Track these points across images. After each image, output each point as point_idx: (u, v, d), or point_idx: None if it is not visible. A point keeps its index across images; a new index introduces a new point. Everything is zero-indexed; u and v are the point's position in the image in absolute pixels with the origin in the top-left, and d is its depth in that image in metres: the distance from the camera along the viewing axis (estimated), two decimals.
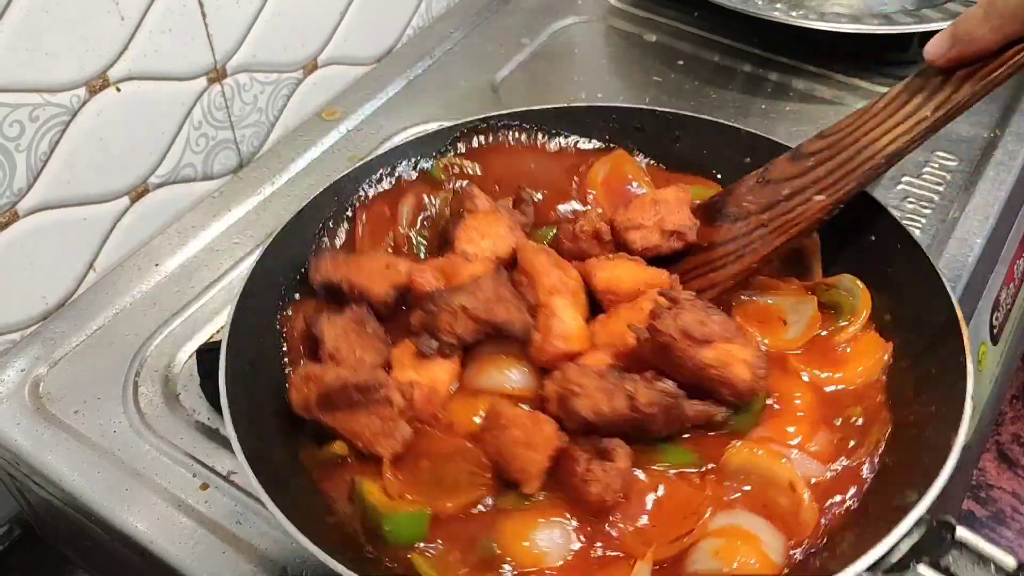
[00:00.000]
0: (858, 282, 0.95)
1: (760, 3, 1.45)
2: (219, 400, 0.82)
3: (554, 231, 1.07)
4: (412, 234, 1.07)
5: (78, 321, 1.12)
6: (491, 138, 1.14)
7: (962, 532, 0.71)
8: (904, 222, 1.22)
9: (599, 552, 0.79)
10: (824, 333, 0.93)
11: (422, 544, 0.79)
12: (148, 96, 1.19)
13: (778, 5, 1.45)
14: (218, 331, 1.11)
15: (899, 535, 0.71)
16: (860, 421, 0.87)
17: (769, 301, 0.96)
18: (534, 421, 0.83)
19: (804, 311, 0.94)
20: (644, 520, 0.80)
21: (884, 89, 1.41)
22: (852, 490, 0.83)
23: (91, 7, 1.08)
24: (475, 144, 1.14)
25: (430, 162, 1.11)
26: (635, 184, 1.11)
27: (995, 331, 1.37)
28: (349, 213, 1.06)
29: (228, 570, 0.90)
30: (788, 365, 0.91)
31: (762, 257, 0.94)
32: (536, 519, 0.80)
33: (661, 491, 0.82)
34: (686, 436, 0.85)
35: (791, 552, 0.79)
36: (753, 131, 1.09)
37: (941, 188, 1.27)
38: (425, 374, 0.89)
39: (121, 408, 1.03)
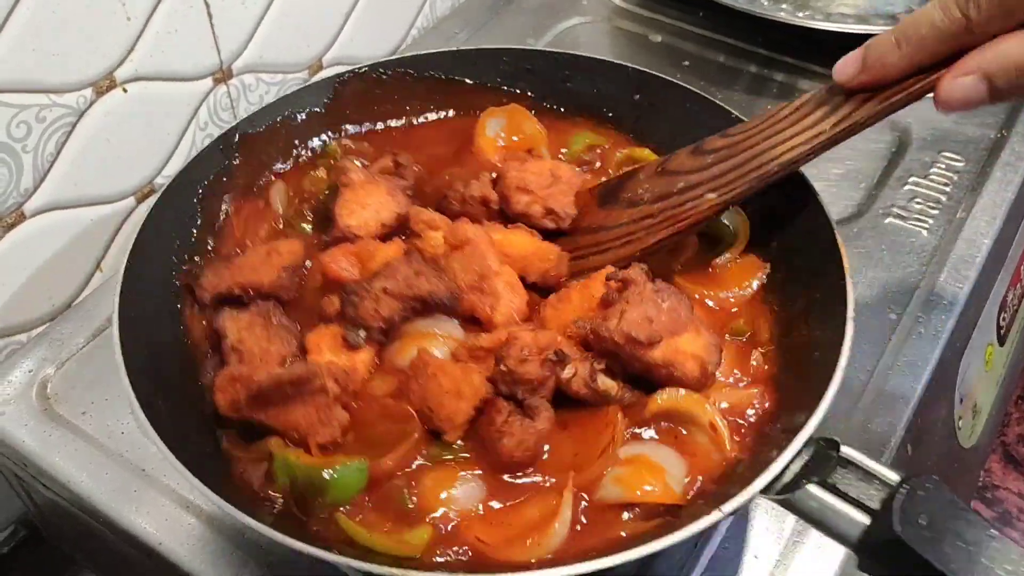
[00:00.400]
0: (739, 210, 1.01)
1: (765, 3, 1.45)
2: None
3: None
4: (291, 215, 1.08)
5: (85, 322, 1.12)
6: (378, 90, 1.15)
7: (846, 450, 0.73)
8: (911, 223, 1.23)
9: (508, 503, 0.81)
10: (709, 257, 1.00)
11: (345, 508, 0.79)
12: (154, 97, 1.19)
13: (784, 6, 1.45)
14: None
15: (789, 456, 0.73)
16: (747, 332, 0.94)
17: None
18: (464, 371, 0.85)
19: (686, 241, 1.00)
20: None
21: None
22: (750, 412, 0.87)
23: (97, 8, 1.08)
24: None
25: (322, 142, 1.13)
26: (525, 136, 1.14)
27: (1002, 332, 1.36)
28: (224, 208, 1.05)
29: (236, 571, 0.90)
30: (675, 283, 0.97)
31: (645, 247, 0.97)
32: (456, 472, 0.83)
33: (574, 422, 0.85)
34: None
35: (696, 482, 0.82)
36: (639, 68, 1.12)
37: (948, 189, 1.27)
38: (342, 356, 0.89)
39: (129, 409, 1.02)
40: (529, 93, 1.18)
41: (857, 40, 1.37)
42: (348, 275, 0.95)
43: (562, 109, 1.17)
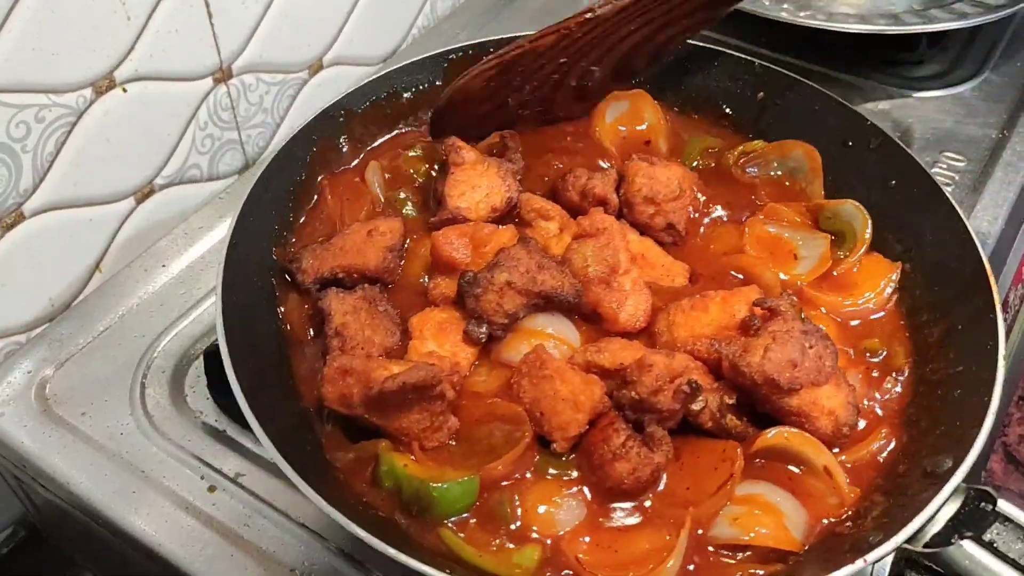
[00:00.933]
0: (860, 208, 0.98)
1: (767, 3, 1.44)
2: (226, 400, 0.81)
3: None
4: (392, 195, 1.06)
5: (85, 323, 1.12)
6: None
7: (1004, 504, 0.68)
8: None
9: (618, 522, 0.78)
10: (835, 259, 0.97)
11: (449, 522, 0.78)
12: (154, 97, 1.19)
13: (785, 5, 1.45)
14: None
15: (937, 505, 0.67)
16: (882, 352, 0.89)
17: (784, 234, 0.98)
18: (585, 381, 0.80)
19: (816, 247, 0.97)
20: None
21: (892, 89, 1.43)
22: (880, 444, 0.81)
23: (97, 8, 1.07)
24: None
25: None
26: (646, 127, 1.12)
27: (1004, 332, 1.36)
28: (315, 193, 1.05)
29: (236, 573, 0.90)
30: (804, 295, 0.94)
31: None
32: (560, 490, 0.80)
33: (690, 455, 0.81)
34: None
35: (816, 526, 0.77)
36: (766, 64, 1.10)
37: (950, 188, 1.27)
38: (446, 345, 0.87)
39: (128, 410, 1.03)
40: (647, 85, 1.15)
41: (858, 40, 1.39)
42: (461, 257, 0.91)
43: (679, 103, 1.16)
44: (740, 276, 0.97)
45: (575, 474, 0.81)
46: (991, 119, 1.38)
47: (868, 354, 0.90)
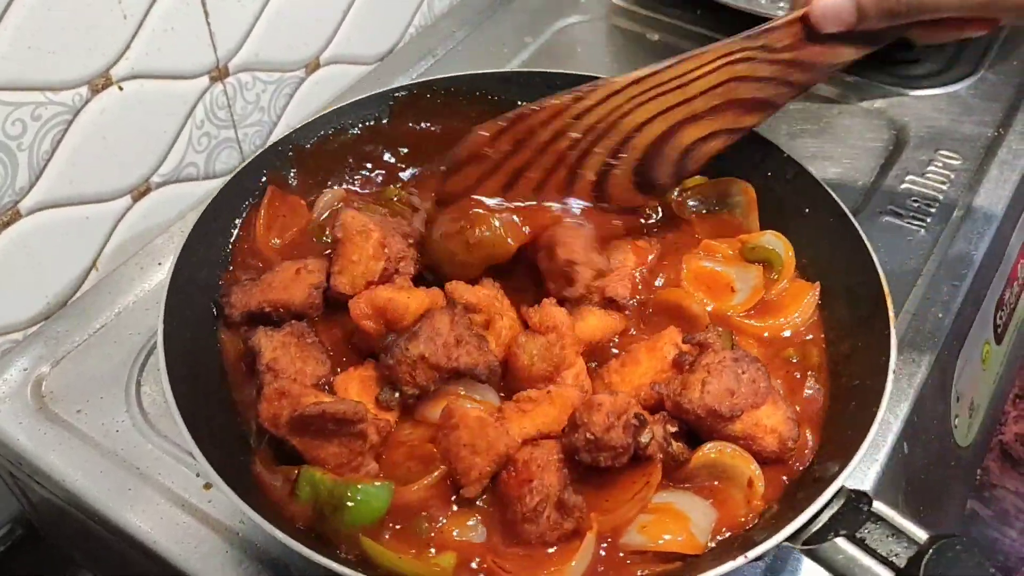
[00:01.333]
0: (779, 236, 1.04)
1: (763, 1, 1.45)
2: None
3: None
4: (315, 229, 1.09)
5: (81, 320, 1.12)
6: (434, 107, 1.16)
7: (878, 505, 0.74)
8: (907, 221, 1.23)
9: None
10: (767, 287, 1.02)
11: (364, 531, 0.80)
12: (150, 95, 1.19)
13: (781, 3, 1.45)
14: None
15: (817, 507, 0.73)
16: (795, 359, 0.97)
17: (719, 268, 1.04)
18: (481, 424, 0.83)
19: (749, 279, 1.02)
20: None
21: (888, 87, 1.43)
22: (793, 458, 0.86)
23: (94, 5, 1.07)
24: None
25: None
26: None
27: (999, 330, 1.36)
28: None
29: (231, 570, 0.90)
30: (731, 323, 0.99)
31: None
32: (474, 515, 0.83)
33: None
34: None
35: (721, 533, 0.82)
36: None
37: (945, 187, 1.27)
38: (370, 404, 0.87)
39: (124, 407, 1.03)
40: None
41: None
42: (374, 329, 0.91)
43: None
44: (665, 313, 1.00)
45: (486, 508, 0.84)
46: (987, 117, 1.38)
47: (787, 360, 0.97)
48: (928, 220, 1.22)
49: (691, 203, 1.13)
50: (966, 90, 1.44)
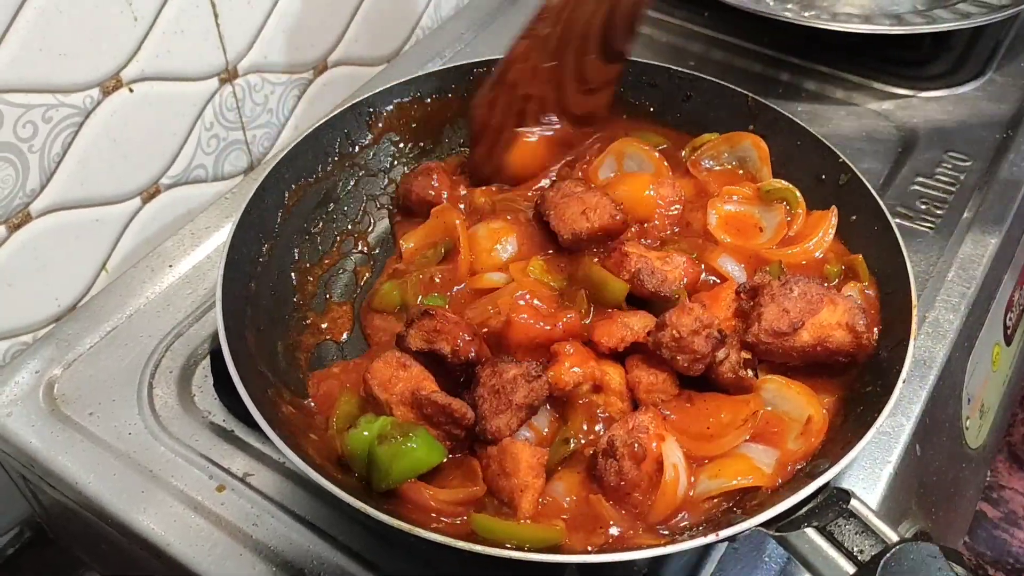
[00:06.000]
0: (788, 187, 1.09)
1: (771, 3, 1.45)
2: (232, 400, 0.84)
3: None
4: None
5: (92, 323, 1.12)
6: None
7: (856, 503, 0.76)
8: (917, 222, 1.23)
9: None
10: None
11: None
12: (160, 97, 1.19)
13: (789, 5, 1.45)
14: None
15: (794, 501, 0.76)
16: (837, 271, 1.02)
17: (743, 210, 1.10)
18: (526, 450, 0.86)
19: (774, 217, 1.08)
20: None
21: (895, 90, 1.43)
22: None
23: (104, 8, 1.07)
24: None
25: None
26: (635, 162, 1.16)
27: (1008, 332, 1.36)
28: None
29: (244, 572, 0.90)
30: (768, 257, 1.04)
31: None
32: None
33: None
34: None
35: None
36: (759, 99, 1.17)
37: (954, 188, 1.27)
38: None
39: (136, 410, 1.03)
40: (651, 108, 1.23)
41: (862, 40, 1.39)
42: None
43: (673, 124, 1.23)
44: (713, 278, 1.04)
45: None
46: (995, 119, 1.38)
47: (830, 279, 1.02)
48: (937, 221, 1.22)
49: (705, 162, 1.17)
50: (974, 92, 1.44)
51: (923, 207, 1.25)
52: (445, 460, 0.86)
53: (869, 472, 0.97)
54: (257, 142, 1.37)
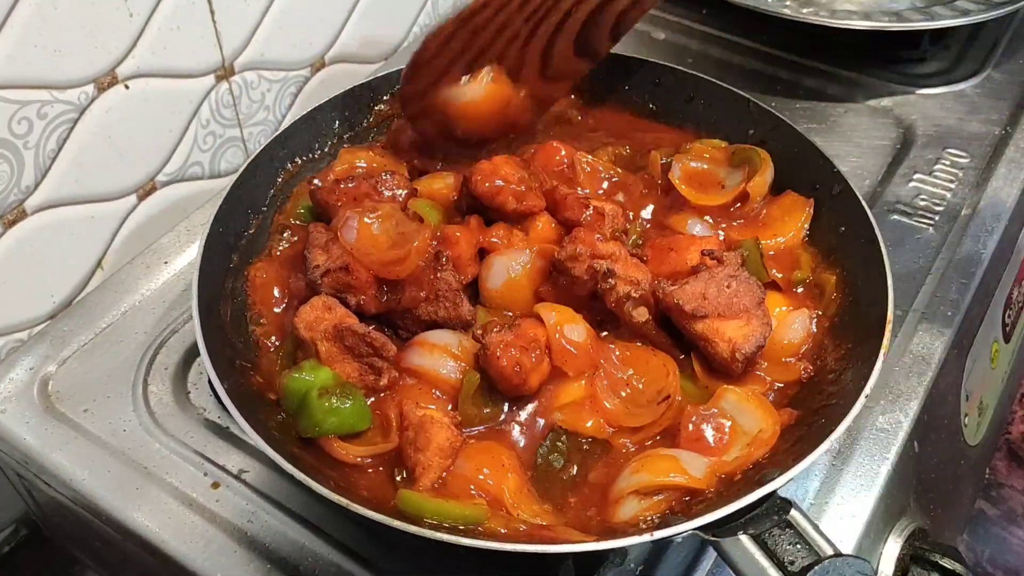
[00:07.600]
0: (757, 149, 1.10)
1: (770, 0, 1.44)
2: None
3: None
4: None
5: (87, 319, 1.12)
6: None
7: (795, 514, 0.75)
8: (915, 219, 1.23)
9: None
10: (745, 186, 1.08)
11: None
12: (156, 93, 1.19)
13: (788, 2, 1.45)
14: None
15: (737, 507, 0.75)
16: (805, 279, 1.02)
17: (705, 167, 1.12)
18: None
19: (736, 177, 1.10)
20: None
21: (894, 87, 1.43)
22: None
23: (99, 4, 1.07)
24: None
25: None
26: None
27: (1007, 329, 1.36)
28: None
29: (239, 569, 0.89)
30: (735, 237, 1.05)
31: None
32: None
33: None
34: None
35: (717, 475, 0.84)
36: (760, 103, 1.15)
37: (953, 185, 1.27)
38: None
39: (131, 407, 1.02)
40: (652, 106, 1.23)
41: (861, 37, 1.39)
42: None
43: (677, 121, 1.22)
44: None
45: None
46: (994, 116, 1.38)
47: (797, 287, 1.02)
48: (936, 219, 1.22)
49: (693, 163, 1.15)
50: (973, 89, 1.43)
51: (922, 204, 1.24)
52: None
53: (867, 469, 0.97)
54: (254, 139, 1.37)
